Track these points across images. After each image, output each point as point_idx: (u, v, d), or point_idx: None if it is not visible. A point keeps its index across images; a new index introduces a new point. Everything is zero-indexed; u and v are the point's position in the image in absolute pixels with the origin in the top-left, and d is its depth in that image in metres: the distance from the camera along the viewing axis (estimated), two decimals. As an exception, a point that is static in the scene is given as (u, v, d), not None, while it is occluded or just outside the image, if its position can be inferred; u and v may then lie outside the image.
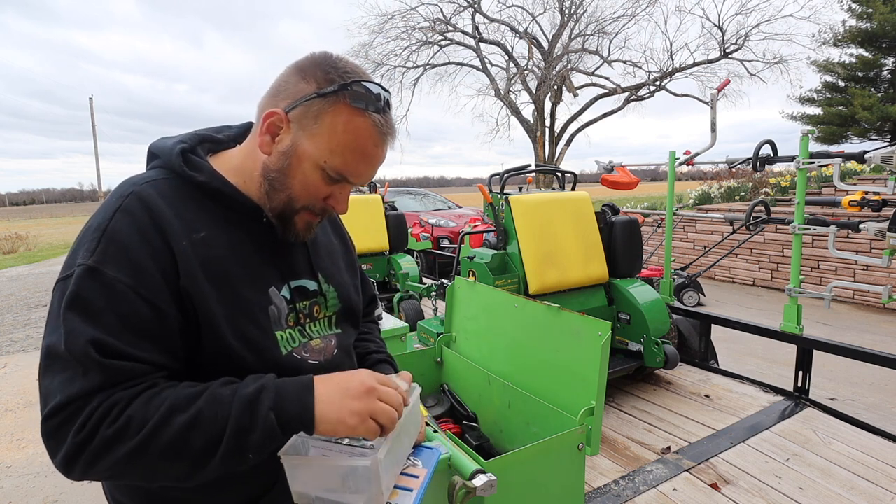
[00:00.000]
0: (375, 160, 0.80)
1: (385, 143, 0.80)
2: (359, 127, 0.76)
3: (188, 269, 0.73)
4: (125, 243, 0.71)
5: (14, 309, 6.95)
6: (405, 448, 0.83)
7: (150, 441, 0.64)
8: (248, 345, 0.77)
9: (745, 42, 15.71)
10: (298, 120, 0.77)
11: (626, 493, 1.86)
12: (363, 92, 0.76)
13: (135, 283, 0.69)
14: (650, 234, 6.53)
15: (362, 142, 0.77)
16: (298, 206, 0.81)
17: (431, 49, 17.55)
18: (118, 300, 0.68)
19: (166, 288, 0.71)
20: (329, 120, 0.76)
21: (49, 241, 17.95)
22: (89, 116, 27.15)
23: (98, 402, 0.65)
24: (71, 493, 2.58)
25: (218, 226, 0.80)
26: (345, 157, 0.77)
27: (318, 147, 0.76)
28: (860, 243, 5.70)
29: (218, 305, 0.75)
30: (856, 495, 1.82)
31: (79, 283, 0.68)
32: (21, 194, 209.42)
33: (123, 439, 0.64)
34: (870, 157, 2.41)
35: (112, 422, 0.64)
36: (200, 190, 0.80)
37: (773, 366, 3.96)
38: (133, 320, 0.69)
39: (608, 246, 2.92)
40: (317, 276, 0.92)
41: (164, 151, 0.82)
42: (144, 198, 0.75)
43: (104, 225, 0.72)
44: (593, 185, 21.41)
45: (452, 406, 1.56)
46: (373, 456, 0.67)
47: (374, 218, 4.48)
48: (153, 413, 0.65)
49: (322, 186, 0.79)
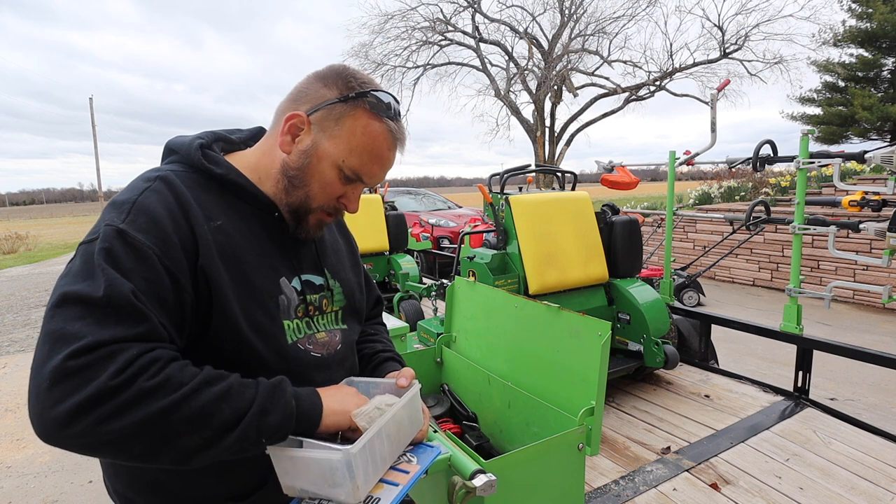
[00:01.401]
0: (388, 163, 0.86)
1: (396, 148, 0.87)
2: (375, 131, 0.83)
3: (207, 249, 0.76)
4: (154, 215, 0.73)
5: (14, 309, 6.95)
6: (399, 444, 0.83)
7: (184, 403, 0.65)
8: (257, 330, 0.79)
9: (745, 42, 15.72)
10: (319, 122, 0.83)
11: (626, 493, 1.86)
12: (380, 100, 0.83)
13: (161, 252, 0.71)
14: (650, 234, 6.53)
15: (378, 144, 0.84)
16: (315, 205, 0.86)
17: (431, 49, 17.57)
18: (146, 265, 0.69)
19: (186, 264, 0.74)
20: (349, 123, 0.82)
21: (49, 241, 17.95)
22: (87, 116, 27.16)
23: (138, 352, 0.63)
24: (71, 493, 2.58)
25: (233, 217, 0.83)
26: (361, 157, 0.83)
27: (337, 147, 0.82)
28: (860, 243, 5.70)
29: (231, 288, 0.78)
30: (856, 495, 1.82)
31: (110, 240, 0.69)
32: (21, 194, 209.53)
33: (160, 395, 0.63)
34: (870, 157, 2.40)
35: (152, 376, 0.63)
36: (218, 183, 0.84)
37: (773, 366, 3.96)
38: (155, 288, 0.69)
39: (608, 246, 2.92)
40: (323, 272, 0.95)
41: (183, 147, 0.86)
42: (171, 181, 0.79)
43: (133, 198, 0.75)
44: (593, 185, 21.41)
45: (452, 406, 1.56)
46: (346, 449, 0.68)
47: (374, 218, 4.48)
48: (188, 379, 0.67)
49: (338, 185, 0.85)
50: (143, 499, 0.82)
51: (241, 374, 0.75)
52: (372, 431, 0.72)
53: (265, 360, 0.80)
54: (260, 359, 0.79)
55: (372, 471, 0.73)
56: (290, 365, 0.83)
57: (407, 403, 0.82)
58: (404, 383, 0.89)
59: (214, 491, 0.81)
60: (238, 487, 0.82)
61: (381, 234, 4.49)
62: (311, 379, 0.85)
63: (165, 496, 0.81)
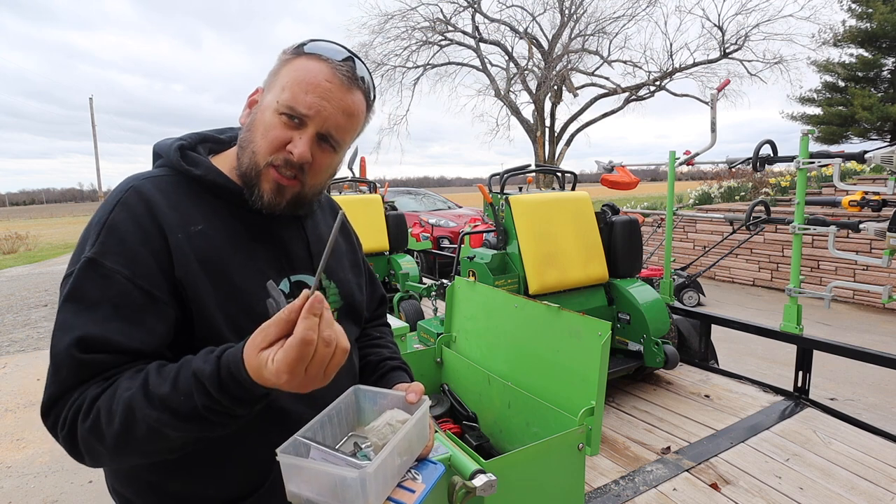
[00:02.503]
0: (327, 93, 0.78)
1: (344, 85, 0.80)
2: (310, 66, 0.79)
3: (183, 260, 0.76)
4: (122, 235, 0.74)
5: (14, 309, 6.95)
6: (407, 461, 0.82)
7: (125, 423, 0.66)
8: (242, 336, 0.76)
9: (745, 42, 15.71)
10: (266, 85, 0.83)
11: (626, 493, 1.86)
12: (320, 47, 0.81)
13: (131, 272, 0.73)
14: (650, 234, 6.53)
15: (312, 75, 0.79)
16: (261, 158, 0.80)
17: (431, 49, 17.56)
18: (114, 291, 0.72)
19: (162, 276, 0.74)
20: (285, 69, 0.81)
21: (49, 241, 17.95)
22: (87, 116, 27.14)
23: (74, 398, 0.68)
24: (71, 493, 2.58)
25: (216, 219, 0.82)
26: (293, 89, 0.78)
27: (273, 92, 0.80)
28: (860, 243, 5.70)
29: (213, 296, 0.77)
30: (856, 495, 1.82)
31: (79, 274, 0.72)
32: (21, 194, 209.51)
33: (101, 430, 0.66)
34: (870, 157, 2.41)
35: (85, 416, 0.67)
36: (199, 184, 0.83)
37: (773, 366, 3.96)
38: (126, 310, 0.71)
39: (608, 246, 2.92)
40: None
41: (165, 149, 0.86)
42: (142, 192, 0.78)
43: (104, 219, 0.76)
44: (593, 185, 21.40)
45: (452, 406, 1.56)
46: (362, 469, 0.67)
47: (374, 218, 4.48)
48: (119, 397, 0.67)
49: (279, 128, 0.79)
50: (141, 499, 0.82)
51: None
52: (386, 451, 0.72)
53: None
54: None
55: (382, 488, 0.73)
56: None
57: (419, 420, 0.82)
58: (413, 399, 0.83)
59: (213, 492, 0.81)
60: (236, 489, 0.82)
61: (381, 234, 4.49)
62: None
63: (163, 497, 0.81)
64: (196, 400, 0.64)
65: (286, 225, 0.90)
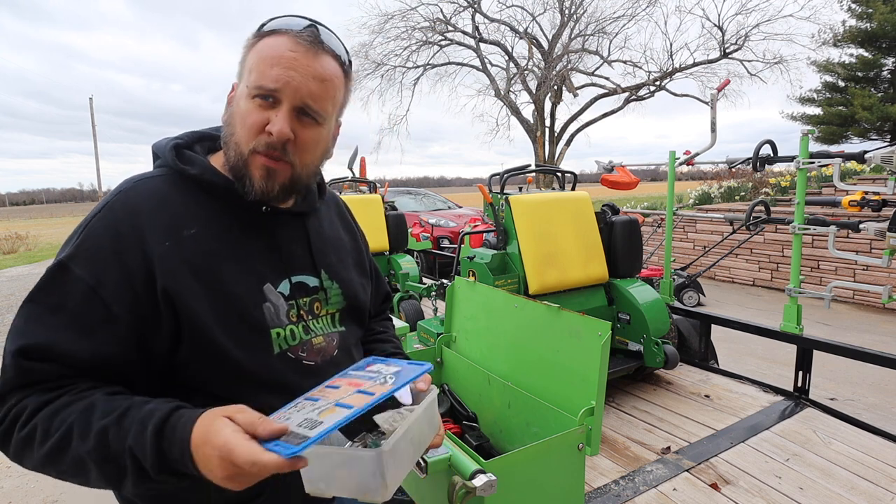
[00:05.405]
0: (295, 63, 0.77)
1: (310, 51, 0.78)
2: (272, 42, 0.78)
3: (170, 269, 0.74)
4: (98, 242, 0.73)
5: (14, 309, 6.94)
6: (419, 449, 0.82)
7: (57, 448, 0.66)
8: (237, 342, 0.76)
9: (745, 42, 15.71)
10: (238, 76, 0.82)
11: (626, 493, 1.86)
12: (280, 22, 0.80)
13: (96, 283, 0.71)
14: (650, 234, 6.53)
15: (275, 50, 0.77)
16: (245, 148, 0.78)
17: (431, 49, 17.56)
18: (75, 299, 0.71)
19: (130, 290, 0.72)
20: (250, 54, 0.80)
21: (49, 241, 17.94)
22: (86, 116, 27.17)
23: (14, 402, 0.68)
24: (71, 494, 2.58)
25: (212, 220, 0.80)
26: (259, 68, 0.77)
27: (243, 81, 0.80)
28: (860, 243, 5.70)
29: (205, 302, 0.75)
30: (856, 495, 1.82)
31: (46, 275, 0.73)
32: (21, 194, 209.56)
33: (33, 445, 0.66)
34: (870, 157, 2.40)
35: (22, 426, 0.67)
36: (195, 183, 0.82)
37: (773, 366, 3.96)
38: (83, 320, 0.70)
39: (608, 246, 2.92)
40: (318, 272, 0.91)
41: (161, 149, 0.85)
42: (131, 197, 0.77)
43: (88, 221, 0.76)
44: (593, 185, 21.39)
45: (452, 406, 1.56)
46: (377, 449, 0.67)
47: (374, 218, 4.48)
48: (62, 420, 0.66)
49: (255, 111, 0.77)
50: (140, 500, 0.82)
51: (224, 387, 0.75)
52: (400, 432, 0.71)
53: (247, 371, 0.77)
54: (240, 371, 0.76)
55: (398, 472, 0.73)
56: (277, 375, 0.80)
57: (428, 406, 0.81)
58: (423, 387, 0.83)
59: (213, 496, 0.80)
60: (235, 494, 0.81)
61: (381, 234, 4.50)
62: (301, 388, 0.79)
63: (161, 498, 0.80)
64: (127, 469, 0.65)
65: (287, 223, 0.89)
